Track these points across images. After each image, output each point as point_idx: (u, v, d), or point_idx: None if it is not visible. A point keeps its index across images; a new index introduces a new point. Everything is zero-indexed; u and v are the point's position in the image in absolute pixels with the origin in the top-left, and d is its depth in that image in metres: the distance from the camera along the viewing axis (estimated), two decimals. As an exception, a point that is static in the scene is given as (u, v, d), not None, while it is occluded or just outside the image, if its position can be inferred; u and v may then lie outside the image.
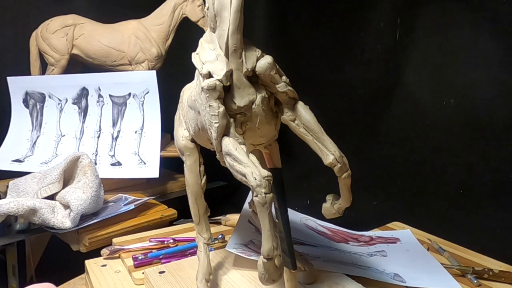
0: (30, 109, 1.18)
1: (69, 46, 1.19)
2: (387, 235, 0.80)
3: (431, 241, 0.76)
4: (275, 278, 0.42)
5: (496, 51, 0.72)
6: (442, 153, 0.82)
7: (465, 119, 0.77)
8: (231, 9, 0.42)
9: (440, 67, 0.81)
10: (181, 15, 1.19)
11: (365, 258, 0.67)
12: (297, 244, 0.68)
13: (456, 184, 0.80)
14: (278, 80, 0.45)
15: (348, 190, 0.47)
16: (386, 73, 0.91)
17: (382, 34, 0.90)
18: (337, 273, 0.58)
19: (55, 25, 1.20)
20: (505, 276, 0.63)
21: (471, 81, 0.76)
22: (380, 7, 0.90)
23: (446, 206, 0.82)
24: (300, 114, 0.46)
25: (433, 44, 0.82)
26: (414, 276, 0.62)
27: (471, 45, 0.75)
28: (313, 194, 1.02)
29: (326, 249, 0.68)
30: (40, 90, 1.17)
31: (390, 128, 0.92)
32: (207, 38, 0.46)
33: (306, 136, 0.46)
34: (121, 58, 1.19)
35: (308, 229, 0.77)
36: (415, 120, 0.86)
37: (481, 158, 0.76)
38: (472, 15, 0.75)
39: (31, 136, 1.15)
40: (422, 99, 0.85)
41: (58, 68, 1.21)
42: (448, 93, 0.80)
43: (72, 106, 1.15)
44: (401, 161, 0.90)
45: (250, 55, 0.44)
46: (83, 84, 1.14)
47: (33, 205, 0.80)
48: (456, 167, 0.80)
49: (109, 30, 1.20)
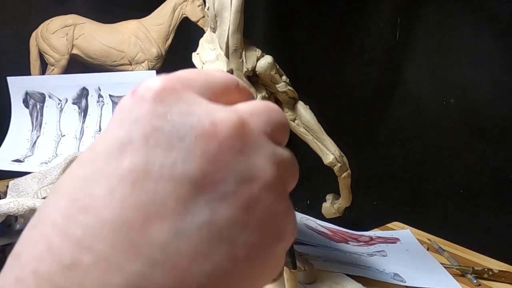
0: (30, 109, 1.18)
1: (69, 46, 1.19)
2: (387, 235, 0.80)
3: (431, 241, 0.76)
4: (275, 277, 0.42)
5: (496, 51, 0.72)
6: (442, 153, 0.82)
7: (465, 119, 0.77)
8: (231, 9, 0.42)
9: (440, 67, 0.81)
10: (181, 15, 1.19)
11: (365, 258, 0.67)
12: (297, 244, 0.68)
13: (456, 184, 0.80)
14: (278, 80, 0.45)
15: (348, 190, 0.47)
16: (386, 73, 0.91)
17: (382, 34, 0.90)
18: (337, 273, 0.58)
19: (55, 25, 1.20)
20: (505, 276, 0.63)
21: (471, 81, 0.76)
22: (380, 7, 0.90)
23: (446, 206, 0.82)
24: (300, 114, 0.46)
25: (433, 44, 0.82)
26: (414, 276, 0.62)
27: (471, 45, 0.75)
28: (313, 194, 1.02)
29: (326, 249, 0.68)
30: (40, 90, 1.17)
31: (390, 128, 0.92)
32: (208, 38, 0.46)
33: (306, 136, 0.46)
34: (121, 58, 1.19)
35: (308, 229, 0.77)
36: (415, 120, 0.86)
37: (481, 158, 0.76)
38: (472, 15, 0.75)
39: (31, 136, 1.15)
40: (422, 99, 0.85)
41: (58, 68, 1.21)
42: (448, 93, 0.80)
43: (72, 106, 1.15)
44: (401, 161, 0.90)
45: (250, 55, 0.44)
46: (83, 84, 1.14)
47: (33, 205, 0.79)
48: (456, 167, 0.80)
49: (109, 30, 1.20)
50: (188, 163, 0.12)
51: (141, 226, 0.11)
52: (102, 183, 0.12)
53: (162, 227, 0.12)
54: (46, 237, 0.12)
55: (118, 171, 0.12)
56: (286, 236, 0.14)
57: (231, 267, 0.12)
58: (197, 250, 0.12)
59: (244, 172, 0.13)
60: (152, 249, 0.11)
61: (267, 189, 0.13)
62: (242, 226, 0.13)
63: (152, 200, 0.12)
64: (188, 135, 0.13)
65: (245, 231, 0.13)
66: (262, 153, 0.14)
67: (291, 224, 0.15)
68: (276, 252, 0.14)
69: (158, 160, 0.12)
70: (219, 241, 0.12)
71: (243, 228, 0.13)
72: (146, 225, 0.11)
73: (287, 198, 0.15)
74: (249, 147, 0.14)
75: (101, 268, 0.11)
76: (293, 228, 0.15)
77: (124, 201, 0.12)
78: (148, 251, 0.11)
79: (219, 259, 0.12)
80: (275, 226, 0.14)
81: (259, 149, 0.14)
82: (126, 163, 0.12)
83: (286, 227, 0.14)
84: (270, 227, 0.13)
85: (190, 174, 0.12)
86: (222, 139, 0.13)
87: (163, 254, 0.11)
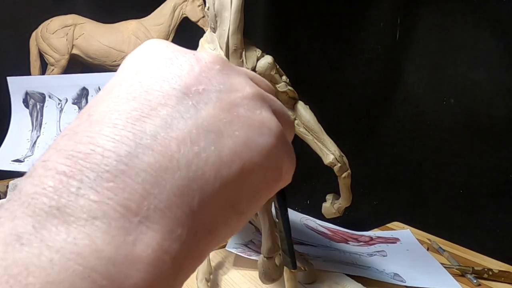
0: (30, 109, 1.18)
1: (69, 46, 1.19)
2: (387, 235, 0.80)
3: (431, 241, 0.76)
4: (275, 277, 0.42)
5: (496, 51, 0.72)
6: (442, 153, 0.82)
7: (465, 119, 0.77)
8: (232, 9, 0.42)
9: (440, 67, 0.81)
10: (181, 15, 1.19)
11: (365, 258, 0.67)
12: (297, 244, 0.68)
13: (456, 184, 0.80)
14: (278, 80, 0.45)
15: (348, 190, 0.47)
16: (386, 73, 0.91)
17: (382, 34, 0.90)
18: (337, 273, 0.58)
19: (55, 25, 1.20)
20: (505, 276, 0.63)
21: (471, 81, 0.76)
22: (380, 7, 0.90)
23: (446, 206, 0.82)
24: (300, 114, 0.46)
25: (433, 44, 0.82)
26: (414, 276, 0.62)
27: (471, 45, 0.75)
28: (313, 194, 1.02)
29: (326, 249, 0.68)
30: (40, 90, 1.17)
31: (390, 128, 0.92)
32: (207, 38, 0.46)
33: (306, 136, 0.46)
34: (121, 58, 1.19)
35: (308, 229, 0.77)
36: (415, 120, 0.86)
37: (481, 158, 0.76)
38: (472, 15, 0.75)
39: (31, 136, 1.15)
40: (422, 99, 0.85)
41: (58, 68, 1.21)
42: (448, 93, 0.80)
43: (72, 106, 1.15)
44: (401, 161, 0.90)
45: (250, 55, 0.44)
46: (83, 84, 1.14)
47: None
48: (456, 167, 0.80)
49: (109, 30, 1.20)
50: (176, 80, 0.17)
51: (138, 119, 0.15)
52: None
53: (154, 122, 0.15)
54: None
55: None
56: (272, 133, 0.18)
57: (217, 151, 0.15)
58: (184, 136, 0.15)
59: (225, 85, 0.17)
60: (143, 135, 0.15)
61: (248, 98, 0.18)
62: (227, 122, 0.16)
63: (148, 105, 0.16)
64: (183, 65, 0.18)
65: (230, 125, 0.16)
66: (242, 76, 0.19)
67: (274, 124, 0.18)
68: (264, 146, 0.17)
69: (158, 84, 0.16)
70: (206, 131, 0.16)
71: (229, 124, 0.16)
72: (142, 119, 0.15)
73: (268, 109, 0.18)
74: (228, 70, 0.18)
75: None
76: (276, 127, 0.18)
77: (132, 100, 0.16)
78: (138, 138, 0.15)
79: (206, 144, 0.15)
80: (259, 124, 0.17)
81: (237, 73, 0.19)
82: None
83: (271, 126, 0.18)
84: (254, 125, 0.17)
85: (176, 86, 0.16)
86: (204, 63, 0.18)
87: (152, 140, 0.15)
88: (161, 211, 0.14)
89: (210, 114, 0.16)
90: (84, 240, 0.12)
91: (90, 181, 0.13)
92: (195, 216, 0.15)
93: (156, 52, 0.18)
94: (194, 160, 0.15)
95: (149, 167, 0.14)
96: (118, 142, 0.14)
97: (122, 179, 0.14)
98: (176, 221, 0.14)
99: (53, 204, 0.13)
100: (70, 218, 0.13)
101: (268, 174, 0.18)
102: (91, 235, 0.12)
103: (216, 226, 0.16)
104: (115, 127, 0.15)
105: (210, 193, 0.15)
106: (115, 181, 0.13)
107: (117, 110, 0.15)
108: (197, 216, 0.15)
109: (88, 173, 0.13)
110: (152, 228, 0.13)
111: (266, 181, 0.18)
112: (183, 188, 0.14)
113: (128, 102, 0.16)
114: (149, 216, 0.13)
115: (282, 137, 0.18)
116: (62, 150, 0.14)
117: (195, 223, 0.15)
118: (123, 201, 0.13)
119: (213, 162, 0.15)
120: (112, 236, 0.13)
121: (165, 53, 0.18)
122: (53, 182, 0.13)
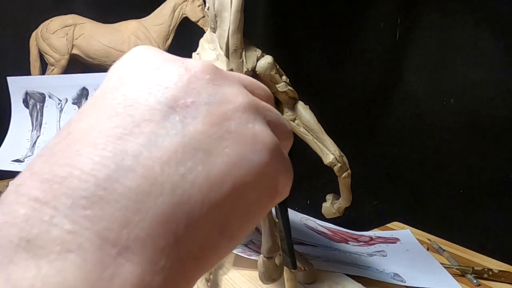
0: (30, 109, 1.18)
1: (69, 46, 1.19)
2: (387, 235, 0.80)
3: (431, 241, 0.76)
4: (275, 277, 0.42)
5: (496, 51, 0.72)
6: (442, 153, 0.82)
7: (465, 119, 0.77)
8: (232, 9, 0.42)
9: (440, 67, 0.81)
10: (181, 15, 1.19)
11: (365, 258, 0.67)
12: (297, 244, 0.68)
13: (456, 184, 0.80)
14: (278, 80, 0.45)
15: (348, 190, 0.47)
16: (386, 73, 0.91)
17: (382, 34, 0.90)
18: (337, 273, 0.58)
19: (55, 25, 1.20)
20: (505, 276, 0.63)
21: (471, 81, 0.76)
22: (380, 7, 0.90)
23: (446, 206, 0.82)
24: (300, 114, 0.46)
25: (433, 44, 0.82)
26: (413, 276, 0.62)
27: (471, 45, 0.75)
28: (313, 194, 1.02)
29: (326, 249, 0.68)
30: (40, 90, 1.17)
31: (390, 128, 0.92)
32: (208, 38, 0.46)
33: (306, 136, 0.46)
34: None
35: (308, 229, 0.77)
36: (415, 120, 0.86)
37: (481, 158, 0.76)
38: (472, 15, 0.75)
39: (31, 136, 1.16)
40: (422, 99, 0.85)
41: (58, 68, 1.21)
42: (448, 93, 0.80)
43: (72, 106, 1.15)
44: (401, 161, 0.90)
45: (250, 55, 0.44)
46: (83, 84, 1.14)
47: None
48: (456, 167, 0.80)
49: (109, 30, 1.20)
50: (163, 92, 0.15)
51: (120, 138, 0.14)
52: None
53: (137, 140, 0.14)
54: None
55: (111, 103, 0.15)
56: (266, 148, 0.16)
57: (206, 172, 0.14)
58: (169, 156, 0.14)
59: (215, 97, 0.16)
60: (125, 155, 0.13)
61: (240, 111, 0.16)
62: (217, 138, 0.15)
63: (131, 122, 0.14)
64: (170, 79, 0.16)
65: (220, 142, 0.15)
66: (234, 85, 0.17)
67: (269, 138, 0.16)
68: (257, 164, 0.16)
69: (143, 96, 0.15)
70: (194, 150, 0.14)
71: (219, 140, 0.15)
72: (125, 137, 0.14)
73: (263, 122, 0.17)
74: (219, 79, 0.17)
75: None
76: (271, 142, 0.16)
77: (111, 118, 0.15)
78: (120, 158, 0.13)
79: (193, 164, 0.14)
80: (252, 140, 0.16)
81: (229, 82, 0.17)
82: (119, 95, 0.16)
83: (265, 140, 0.16)
84: (246, 141, 0.16)
85: (163, 100, 0.15)
86: (193, 72, 0.16)
87: (134, 161, 0.13)
88: (142, 241, 0.12)
89: (198, 130, 0.15)
90: (55, 277, 0.11)
91: (65, 209, 0.12)
92: (181, 244, 0.13)
93: (143, 60, 0.17)
94: (180, 183, 0.14)
95: (130, 192, 0.13)
96: (97, 164, 0.13)
97: (100, 206, 0.12)
98: (159, 251, 0.13)
99: (23, 236, 0.12)
100: (41, 252, 0.11)
101: (262, 193, 0.16)
102: (63, 271, 0.11)
103: (204, 253, 0.14)
104: (95, 147, 0.13)
105: (197, 218, 0.14)
106: (93, 209, 0.12)
107: (98, 127, 0.14)
108: (183, 245, 0.13)
109: (63, 199, 0.12)
110: (132, 260, 0.12)
111: (259, 201, 0.16)
112: (167, 215, 0.13)
113: (110, 119, 0.14)
114: (129, 246, 0.12)
115: (277, 151, 0.17)
116: (37, 173, 0.13)
117: (181, 252, 0.13)
118: (101, 230, 0.12)
119: (200, 185, 0.14)
120: (87, 272, 0.11)
121: (153, 62, 0.16)
122: (24, 209, 0.12)
